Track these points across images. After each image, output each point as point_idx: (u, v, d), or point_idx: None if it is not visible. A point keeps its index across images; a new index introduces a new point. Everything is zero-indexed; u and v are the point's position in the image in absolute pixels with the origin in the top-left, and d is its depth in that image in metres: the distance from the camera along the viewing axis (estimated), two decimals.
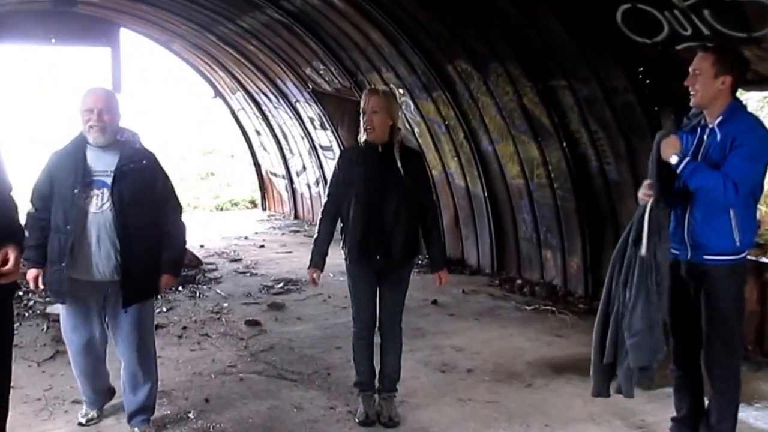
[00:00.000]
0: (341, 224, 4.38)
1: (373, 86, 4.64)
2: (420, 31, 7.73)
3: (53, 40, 12.55)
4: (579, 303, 7.21)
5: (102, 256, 3.91)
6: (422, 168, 4.57)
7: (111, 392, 4.54)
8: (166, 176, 4.23)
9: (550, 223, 7.71)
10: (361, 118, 4.24)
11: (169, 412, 4.62)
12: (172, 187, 4.27)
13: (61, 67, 12.95)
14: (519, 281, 8.10)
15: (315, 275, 4.38)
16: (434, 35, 7.66)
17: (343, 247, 4.34)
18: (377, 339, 4.51)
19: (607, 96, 6.24)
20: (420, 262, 9.40)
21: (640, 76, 5.78)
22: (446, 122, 8.53)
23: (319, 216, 4.44)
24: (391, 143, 4.23)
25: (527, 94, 7.08)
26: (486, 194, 8.48)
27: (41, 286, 4.04)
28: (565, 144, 6.98)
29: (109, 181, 3.90)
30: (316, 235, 4.42)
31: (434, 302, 7.44)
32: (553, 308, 7.02)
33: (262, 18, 9.61)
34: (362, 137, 4.28)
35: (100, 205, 3.88)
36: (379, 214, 4.19)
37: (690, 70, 3.55)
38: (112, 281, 3.98)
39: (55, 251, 3.92)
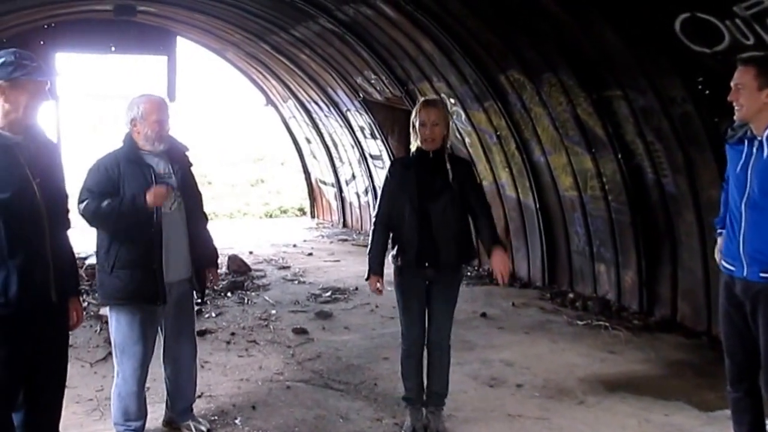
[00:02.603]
0: (391, 233, 4.34)
1: (427, 97, 4.60)
2: (472, 41, 7.66)
3: (113, 49, 12.89)
4: (633, 319, 7.00)
5: (177, 255, 4.01)
6: (471, 174, 4.55)
7: None
8: (196, 181, 4.41)
9: (604, 237, 7.53)
10: (417, 129, 4.19)
11: (216, 417, 4.64)
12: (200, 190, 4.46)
13: (118, 74, 13.24)
14: (571, 295, 7.92)
15: (379, 284, 4.32)
16: (486, 44, 7.58)
17: (393, 257, 4.30)
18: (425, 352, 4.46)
19: (664, 106, 6.06)
20: (469, 273, 9.34)
21: (700, 87, 5.60)
22: (497, 132, 8.43)
23: (372, 227, 4.41)
24: (442, 151, 4.22)
25: (581, 105, 6.94)
26: (537, 206, 8.34)
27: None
28: (620, 155, 6.81)
29: (172, 182, 4.02)
30: (370, 245, 4.39)
31: (483, 315, 7.33)
32: (606, 324, 6.83)
33: (314, 27, 9.67)
34: (414, 145, 4.26)
35: (170, 206, 3.98)
36: (429, 220, 4.16)
37: (732, 84, 3.44)
38: (180, 280, 4.09)
39: (138, 254, 3.90)
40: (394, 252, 4.30)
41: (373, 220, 4.42)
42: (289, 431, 4.46)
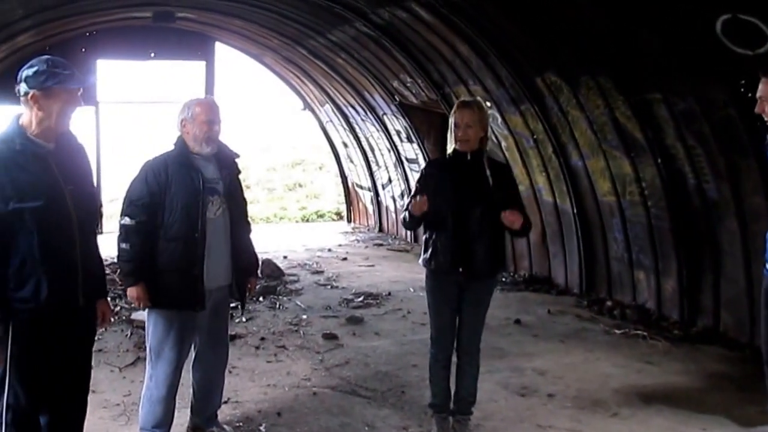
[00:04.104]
0: (424, 235, 4.25)
1: (464, 98, 4.51)
2: (508, 43, 7.54)
3: (152, 55, 13.08)
4: (673, 328, 6.78)
5: (218, 261, 3.99)
6: (511, 180, 4.44)
7: None
8: (243, 189, 4.39)
9: (643, 243, 7.32)
10: (453, 130, 4.12)
11: (241, 424, 4.62)
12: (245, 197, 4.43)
13: (158, 80, 13.44)
14: (609, 303, 7.72)
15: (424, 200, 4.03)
16: (522, 47, 7.45)
17: (426, 260, 4.22)
18: (454, 359, 4.37)
19: (705, 110, 5.86)
20: (504, 279, 9.19)
21: (742, 90, 5.39)
22: (534, 136, 8.28)
23: (404, 209, 4.25)
24: (480, 153, 4.14)
25: (619, 108, 6.75)
26: (575, 211, 8.15)
27: (148, 303, 3.94)
28: (659, 160, 6.61)
29: (219, 188, 4.00)
30: (404, 215, 4.20)
31: (517, 322, 7.19)
32: (645, 333, 6.63)
33: (350, 32, 9.64)
34: (451, 147, 4.18)
35: (215, 212, 3.96)
36: (465, 223, 4.08)
37: (757, 97, 3.37)
38: (219, 287, 4.07)
39: (180, 259, 3.89)
40: (426, 255, 4.22)
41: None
42: None
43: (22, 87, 2.98)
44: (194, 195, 3.88)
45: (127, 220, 3.92)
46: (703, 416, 4.76)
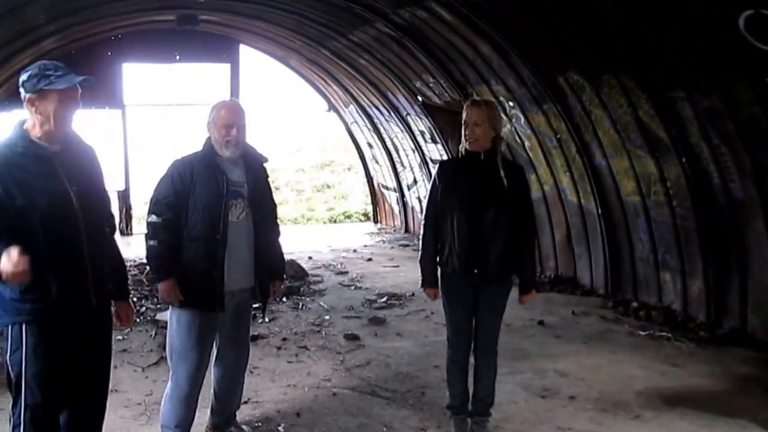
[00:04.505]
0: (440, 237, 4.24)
1: (474, 98, 4.49)
2: (529, 42, 7.48)
3: (177, 57, 13.24)
4: (699, 330, 6.67)
5: (239, 264, 3.99)
6: (524, 182, 4.35)
7: None
8: (272, 192, 4.40)
9: (669, 244, 7.21)
10: (463, 130, 4.12)
11: (260, 424, 4.64)
12: (275, 201, 4.42)
13: (182, 82, 13.59)
14: (634, 304, 7.62)
15: (435, 293, 4.30)
16: (544, 46, 7.39)
17: (441, 262, 4.21)
18: (472, 360, 4.34)
19: (729, 108, 5.76)
20: None
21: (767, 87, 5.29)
22: (558, 136, 8.21)
23: (422, 231, 4.32)
24: (493, 152, 4.10)
25: (642, 107, 6.67)
26: (600, 211, 8.07)
27: (180, 297, 3.95)
28: (684, 159, 6.51)
29: (243, 192, 4.00)
30: (422, 251, 4.31)
31: (541, 323, 7.13)
32: (670, 335, 6.54)
33: (372, 32, 9.65)
34: (463, 147, 4.17)
35: (237, 215, 3.96)
36: (478, 224, 4.05)
37: None
38: (241, 289, 4.07)
39: (201, 260, 3.91)
40: (441, 257, 4.21)
41: (422, 223, 4.33)
42: None
43: (21, 92, 3.05)
44: (217, 197, 3.90)
45: (153, 218, 3.97)
46: (728, 420, 4.67)
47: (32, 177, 3.02)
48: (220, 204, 3.89)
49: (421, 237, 4.33)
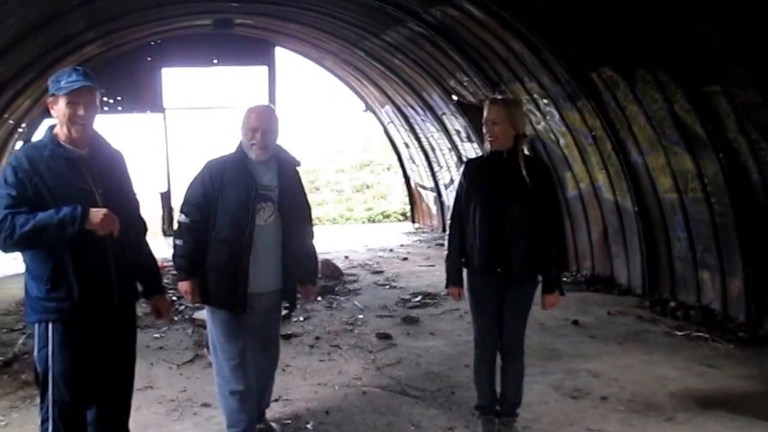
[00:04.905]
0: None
1: (495, 96, 4.46)
2: (561, 38, 7.41)
3: (215, 61, 13.45)
4: (739, 330, 6.51)
5: (266, 267, 4.01)
6: (549, 181, 4.30)
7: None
8: (306, 194, 4.40)
9: (707, 242, 7.06)
10: (483, 128, 4.11)
11: (289, 421, 4.68)
12: (309, 204, 4.43)
13: (220, 85, 13.81)
14: (672, 304, 7.48)
15: (460, 293, 4.31)
16: (576, 42, 7.31)
17: (466, 260, 4.20)
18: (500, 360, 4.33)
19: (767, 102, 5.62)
20: (566, 279, 9.04)
21: None
22: (593, 132, 8.11)
23: (448, 230, 4.33)
24: (515, 151, 4.06)
25: (678, 101, 6.54)
26: (636, 209, 7.95)
27: (197, 298, 4.02)
28: (721, 155, 6.36)
29: (273, 196, 4.01)
30: (447, 251, 4.32)
31: (575, 322, 7.05)
32: (707, 335, 6.40)
33: (404, 32, 9.67)
34: (487, 146, 4.16)
35: (266, 219, 3.97)
36: (501, 222, 4.02)
37: None
38: (267, 292, 4.08)
39: (225, 263, 3.93)
40: (465, 256, 4.20)
41: (448, 223, 4.32)
42: None
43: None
44: (244, 201, 3.92)
45: (182, 218, 4.04)
46: (764, 423, 4.55)
47: (58, 179, 3.11)
48: (247, 208, 3.91)
49: (447, 236, 4.33)
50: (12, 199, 3.03)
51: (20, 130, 10.79)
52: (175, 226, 4.25)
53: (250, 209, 3.91)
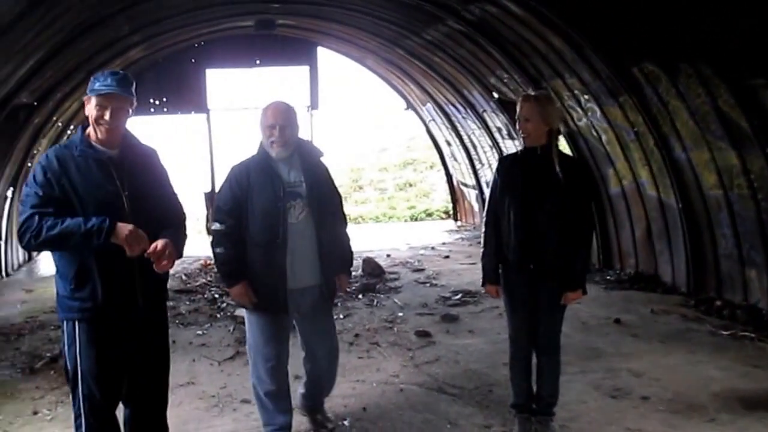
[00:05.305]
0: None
1: (528, 92, 4.42)
2: (602, 34, 7.30)
3: (258, 62, 13.62)
4: None
5: (303, 263, 4.01)
6: (583, 177, 4.24)
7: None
8: (335, 185, 4.38)
9: (754, 239, 6.89)
10: (516, 125, 4.10)
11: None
12: (339, 194, 4.42)
13: (262, 86, 13.97)
14: (718, 303, 7.31)
15: (497, 291, 4.29)
16: (617, 37, 7.19)
17: (501, 257, 4.18)
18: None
19: None
20: (609, 277, 8.92)
21: None
22: (635, 128, 7.98)
23: (483, 228, 4.31)
24: (549, 147, 4.03)
25: (722, 96, 6.40)
26: (680, 206, 7.79)
27: (254, 299, 4.00)
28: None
29: (301, 191, 3.99)
30: (483, 248, 4.30)
31: (617, 321, 6.95)
32: (754, 335, 6.25)
33: (444, 30, 9.65)
34: (520, 143, 4.14)
35: (297, 216, 3.96)
36: (535, 219, 4.00)
37: None
38: (307, 288, 4.08)
39: (263, 264, 3.94)
40: (501, 253, 4.18)
41: (484, 220, 4.31)
42: None
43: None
44: (274, 201, 3.91)
45: (217, 226, 4.03)
46: None
47: (86, 181, 3.14)
48: (277, 208, 3.91)
49: (482, 233, 4.32)
50: (39, 198, 3.09)
51: (69, 132, 11.10)
52: (211, 236, 4.25)
53: (281, 209, 3.91)
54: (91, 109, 3.18)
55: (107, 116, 3.15)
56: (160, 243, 3.12)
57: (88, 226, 3.02)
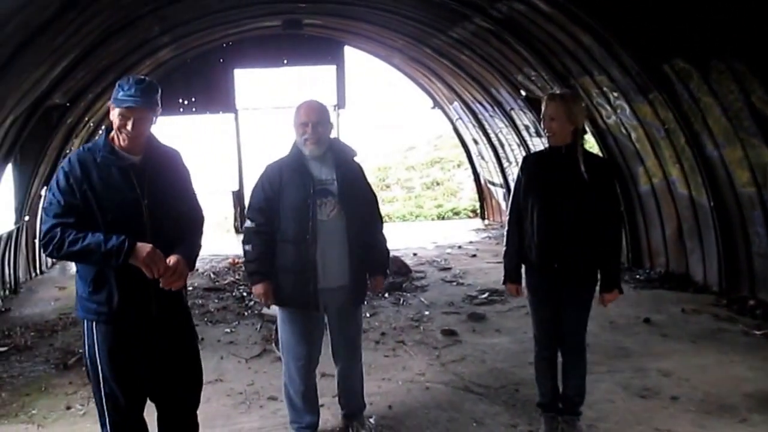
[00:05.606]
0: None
1: (553, 91, 4.39)
2: (631, 30, 7.20)
3: (285, 61, 13.70)
4: None
5: (333, 262, 4.02)
6: (608, 176, 4.19)
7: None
8: (370, 184, 4.39)
9: None
10: (541, 124, 4.08)
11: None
12: (375, 193, 4.41)
13: (290, 86, 14.04)
14: (751, 302, 7.19)
15: (518, 290, 4.27)
16: (646, 33, 7.09)
17: (524, 256, 4.17)
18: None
19: None
20: (638, 277, 8.81)
21: None
22: (665, 126, 7.86)
23: (506, 227, 4.30)
24: (574, 146, 3.99)
25: (755, 92, 6.27)
26: (712, 204, 7.67)
27: (272, 300, 4.08)
28: None
29: (333, 189, 4.01)
30: (505, 247, 4.29)
31: (646, 320, 6.86)
32: None
33: (470, 27, 9.61)
34: (546, 142, 4.11)
35: (328, 213, 3.98)
36: (559, 218, 3.97)
37: None
38: (337, 287, 4.08)
39: (293, 261, 3.98)
40: (524, 252, 4.16)
41: (507, 219, 4.29)
42: None
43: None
44: (303, 199, 3.94)
45: (248, 223, 4.10)
46: None
47: (106, 188, 3.15)
48: (306, 205, 3.93)
49: (505, 232, 4.30)
50: (60, 207, 3.11)
51: (100, 132, 11.25)
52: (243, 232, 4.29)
53: (310, 206, 3.93)
54: (114, 117, 3.19)
55: (129, 126, 3.15)
56: (172, 261, 3.14)
57: (108, 247, 3.04)
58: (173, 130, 12.19)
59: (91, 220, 3.13)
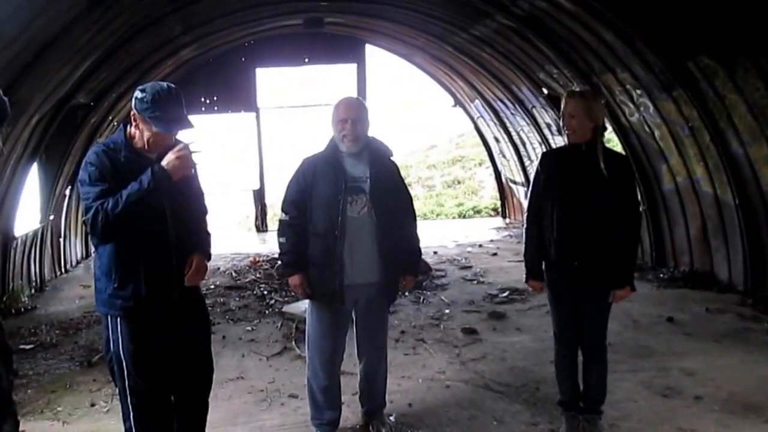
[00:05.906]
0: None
1: (572, 88, 4.36)
2: (654, 27, 7.13)
3: (306, 60, 13.74)
4: None
5: (362, 259, 4.03)
6: (629, 175, 4.15)
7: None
8: (405, 184, 4.40)
9: None
10: (561, 121, 4.05)
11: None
12: (410, 194, 4.42)
13: (311, 84, 14.07)
14: None
15: (540, 286, 4.24)
16: (670, 30, 7.01)
17: (544, 254, 4.14)
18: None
19: None
20: (661, 276, 8.72)
21: None
22: (690, 123, 7.77)
23: (525, 224, 4.28)
24: (594, 144, 3.96)
25: None
26: (737, 202, 7.57)
27: (308, 291, 4.10)
28: None
29: (365, 186, 4.03)
30: (525, 243, 4.26)
31: (669, 319, 6.79)
32: None
33: (492, 25, 9.56)
34: (566, 139, 4.09)
35: (359, 210, 4.00)
36: (578, 216, 3.94)
37: None
38: (366, 284, 4.10)
39: (321, 255, 4.01)
40: (544, 249, 4.13)
41: (525, 216, 4.27)
42: (440, 431, 4.45)
43: (131, 103, 3.30)
44: (334, 194, 3.96)
45: (282, 216, 4.16)
46: None
47: (129, 183, 3.21)
48: (337, 200, 3.95)
49: (524, 229, 4.28)
50: (96, 193, 3.19)
51: (117, 127, 11.38)
52: (276, 224, 4.34)
53: (340, 201, 3.95)
54: (145, 131, 3.27)
55: (158, 141, 3.29)
56: (195, 261, 3.38)
57: (146, 186, 3.15)
58: (195, 129, 12.25)
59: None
